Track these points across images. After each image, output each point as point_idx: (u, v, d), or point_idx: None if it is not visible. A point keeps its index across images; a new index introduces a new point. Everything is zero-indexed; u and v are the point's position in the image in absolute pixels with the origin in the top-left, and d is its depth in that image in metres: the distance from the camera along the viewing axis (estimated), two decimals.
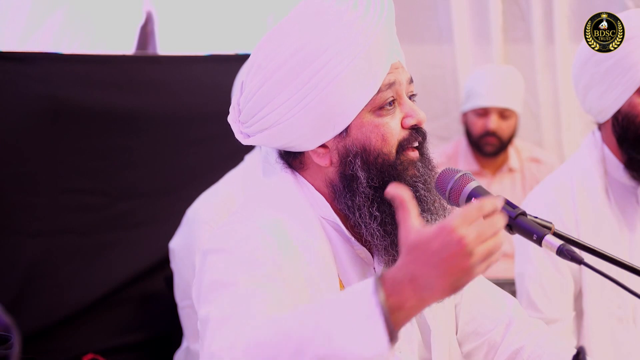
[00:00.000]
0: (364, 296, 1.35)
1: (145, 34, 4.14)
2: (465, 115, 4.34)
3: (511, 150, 4.36)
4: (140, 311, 3.74)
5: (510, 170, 4.36)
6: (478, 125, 4.26)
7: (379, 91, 1.67)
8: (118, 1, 4.06)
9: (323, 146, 1.70)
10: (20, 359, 1.23)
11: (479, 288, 1.87)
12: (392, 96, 1.69)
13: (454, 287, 1.34)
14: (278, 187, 1.74)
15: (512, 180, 4.35)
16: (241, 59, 3.54)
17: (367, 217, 1.67)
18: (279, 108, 1.67)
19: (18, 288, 3.48)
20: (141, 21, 4.13)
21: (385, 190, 1.40)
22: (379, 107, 1.68)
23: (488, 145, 4.27)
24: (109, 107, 3.67)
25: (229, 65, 3.71)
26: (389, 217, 1.66)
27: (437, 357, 1.74)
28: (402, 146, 1.69)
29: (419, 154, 1.71)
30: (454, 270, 1.33)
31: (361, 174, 1.67)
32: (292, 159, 1.75)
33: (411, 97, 1.74)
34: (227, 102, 3.74)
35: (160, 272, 3.67)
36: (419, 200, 1.67)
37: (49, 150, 3.57)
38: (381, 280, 1.35)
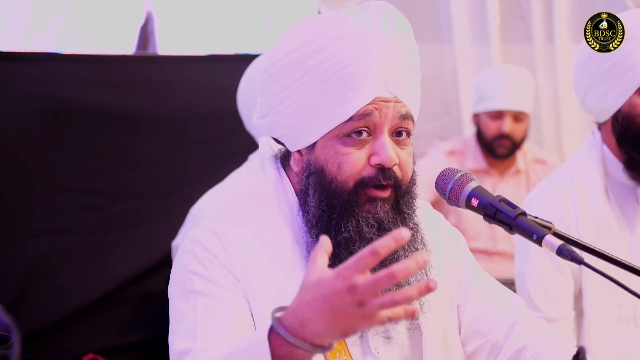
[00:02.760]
0: (259, 348, 1.38)
1: (145, 34, 4.14)
2: (477, 117, 4.31)
3: (518, 152, 4.35)
4: (140, 311, 3.73)
5: (518, 171, 4.35)
6: (492, 127, 4.24)
7: (350, 119, 1.62)
8: (118, 1, 4.05)
9: (299, 152, 1.71)
10: (20, 359, 1.23)
11: (484, 288, 1.86)
12: (365, 127, 1.63)
13: (345, 332, 1.34)
14: (259, 188, 1.76)
15: (517, 181, 4.34)
16: (241, 59, 3.54)
17: (315, 237, 1.67)
18: (272, 99, 1.70)
19: (18, 288, 3.48)
20: (141, 21, 4.13)
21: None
22: (346, 134, 1.64)
23: (501, 147, 4.25)
24: (109, 107, 3.67)
25: (229, 65, 3.71)
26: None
27: None
28: (364, 182, 1.64)
29: (393, 196, 1.65)
30: (342, 319, 1.31)
31: (311, 192, 1.66)
32: (284, 157, 1.77)
33: (400, 133, 1.67)
34: (227, 102, 3.74)
35: (160, 272, 3.67)
36: (367, 241, 1.60)
37: (49, 150, 3.57)
38: (277, 325, 1.37)
